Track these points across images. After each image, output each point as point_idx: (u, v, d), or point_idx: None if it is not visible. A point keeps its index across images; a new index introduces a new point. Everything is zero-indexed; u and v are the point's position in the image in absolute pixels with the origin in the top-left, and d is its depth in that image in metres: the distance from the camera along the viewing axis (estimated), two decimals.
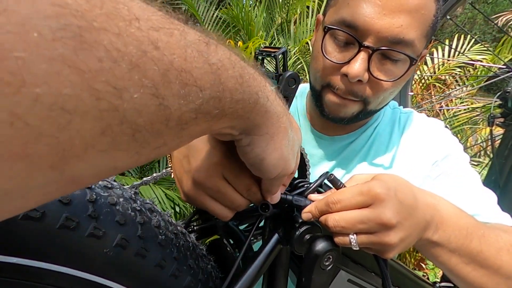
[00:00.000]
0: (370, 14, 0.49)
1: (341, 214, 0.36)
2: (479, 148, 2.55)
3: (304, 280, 0.39)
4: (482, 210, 0.55)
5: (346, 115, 0.59)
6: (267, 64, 0.48)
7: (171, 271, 0.32)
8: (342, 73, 0.53)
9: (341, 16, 0.52)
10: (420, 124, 0.69)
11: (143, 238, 0.30)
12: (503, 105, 1.29)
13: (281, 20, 3.51)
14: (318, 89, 0.59)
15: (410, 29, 0.49)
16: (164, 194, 1.59)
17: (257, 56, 0.59)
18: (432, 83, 3.19)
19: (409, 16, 0.49)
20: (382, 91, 0.55)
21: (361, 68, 0.51)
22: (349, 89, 0.54)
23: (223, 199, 0.35)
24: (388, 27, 0.49)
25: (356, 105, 0.57)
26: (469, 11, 7.71)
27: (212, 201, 0.36)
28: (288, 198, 0.40)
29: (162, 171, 0.42)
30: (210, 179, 0.34)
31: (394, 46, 0.50)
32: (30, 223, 0.24)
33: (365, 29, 0.50)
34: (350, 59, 0.52)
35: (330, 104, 0.58)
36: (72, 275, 0.27)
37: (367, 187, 0.36)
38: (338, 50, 0.54)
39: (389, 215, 0.35)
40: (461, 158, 0.63)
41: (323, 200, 0.38)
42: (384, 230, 0.36)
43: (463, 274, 0.44)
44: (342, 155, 0.67)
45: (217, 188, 0.35)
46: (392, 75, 0.53)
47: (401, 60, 0.53)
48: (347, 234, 0.36)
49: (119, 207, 0.29)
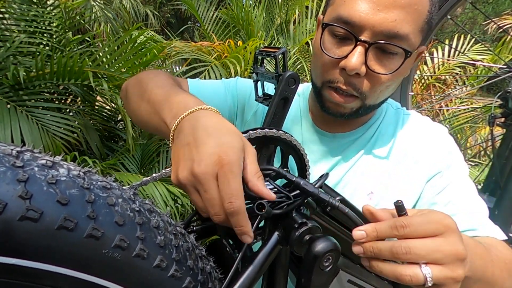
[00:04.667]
0: (365, 10, 0.52)
1: (414, 242, 0.34)
2: (479, 148, 2.55)
3: (304, 280, 0.39)
4: (479, 225, 0.58)
5: (346, 111, 0.61)
6: (267, 64, 0.48)
7: (170, 272, 0.32)
8: (341, 67, 0.56)
9: (338, 13, 0.55)
10: (425, 127, 0.69)
11: (142, 239, 0.30)
12: (503, 105, 1.29)
13: (280, 20, 3.51)
14: (319, 86, 0.62)
15: (404, 23, 0.52)
16: (166, 190, 1.59)
17: (257, 56, 0.59)
18: (432, 83, 3.19)
19: (402, 11, 0.51)
20: (379, 84, 0.57)
21: (358, 62, 0.53)
22: (347, 81, 0.57)
23: (207, 201, 0.36)
24: (383, 22, 0.51)
25: (355, 101, 0.59)
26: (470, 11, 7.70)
27: (198, 196, 0.36)
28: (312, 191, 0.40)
29: (162, 171, 0.42)
30: (205, 175, 0.35)
31: (390, 40, 0.53)
32: (29, 223, 0.24)
33: (361, 25, 0.52)
34: (347, 53, 0.55)
35: (330, 100, 0.60)
36: (71, 276, 0.27)
37: (437, 216, 0.36)
38: (336, 46, 0.56)
39: (462, 246, 0.35)
40: (462, 170, 0.64)
41: (387, 222, 0.36)
42: (456, 261, 0.35)
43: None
44: (344, 152, 0.68)
45: (207, 187, 0.35)
46: (389, 68, 0.56)
47: (398, 54, 0.55)
48: (417, 265, 0.35)
49: (118, 207, 0.29)
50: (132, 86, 0.63)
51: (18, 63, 1.68)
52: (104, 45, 2.09)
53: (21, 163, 0.25)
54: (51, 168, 0.27)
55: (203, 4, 3.14)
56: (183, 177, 0.36)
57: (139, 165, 2.06)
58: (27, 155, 0.27)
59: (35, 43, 1.85)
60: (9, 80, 1.53)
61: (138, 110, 0.57)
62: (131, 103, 0.61)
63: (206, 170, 0.35)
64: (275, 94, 0.51)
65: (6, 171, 0.24)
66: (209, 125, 0.39)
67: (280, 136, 0.46)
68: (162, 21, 7.76)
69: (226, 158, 0.35)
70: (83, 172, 0.29)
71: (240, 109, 0.74)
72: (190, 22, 7.65)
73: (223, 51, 2.55)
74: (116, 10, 4.82)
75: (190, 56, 2.45)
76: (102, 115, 2.19)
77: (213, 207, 0.35)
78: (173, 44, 2.58)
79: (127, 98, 0.63)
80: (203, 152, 0.35)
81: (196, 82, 0.73)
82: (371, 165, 0.66)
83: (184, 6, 3.23)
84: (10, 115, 1.51)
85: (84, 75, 1.62)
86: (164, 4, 8.50)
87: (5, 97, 1.55)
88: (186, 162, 0.36)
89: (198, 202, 0.37)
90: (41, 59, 1.53)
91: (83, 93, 1.95)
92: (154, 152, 2.12)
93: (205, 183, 0.35)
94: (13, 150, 0.26)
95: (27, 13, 1.83)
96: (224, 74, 2.29)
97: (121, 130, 2.25)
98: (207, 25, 3.18)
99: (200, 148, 0.36)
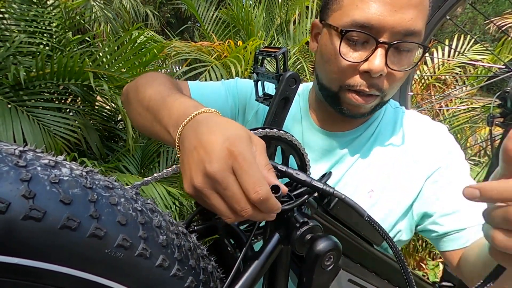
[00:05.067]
0: (383, 12, 0.53)
1: None
2: (479, 148, 2.56)
3: (305, 280, 0.39)
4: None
5: (366, 110, 0.62)
6: (267, 64, 0.48)
7: (172, 271, 0.32)
8: (362, 71, 0.56)
9: (353, 18, 0.54)
10: (424, 126, 0.70)
11: (145, 238, 0.30)
12: (502, 105, 1.28)
13: (280, 20, 3.51)
14: (335, 90, 0.61)
15: (418, 20, 0.54)
16: (166, 191, 1.59)
17: (257, 56, 0.59)
18: (432, 83, 3.19)
19: (416, 9, 0.53)
20: (397, 80, 0.59)
21: (382, 63, 0.54)
22: (370, 84, 0.57)
23: (230, 198, 0.34)
24: (401, 22, 0.53)
25: (376, 99, 0.60)
26: (470, 11, 7.71)
27: (218, 199, 0.34)
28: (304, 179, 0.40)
29: (163, 171, 0.42)
30: (221, 172, 0.33)
31: (407, 38, 0.54)
32: (32, 223, 0.24)
33: (380, 27, 0.53)
34: (367, 57, 0.55)
35: (351, 103, 0.60)
36: (74, 276, 0.27)
37: None
38: (353, 50, 0.57)
39: None
40: (463, 168, 0.65)
41: None
42: None
43: None
44: (344, 151, 0.68)
45: (226, 184, 0.33)
46: (406, 64, 0.58)
47: (411, 50, 0.57)
48: None
49: (121, 207, 0.29)
50: (131, 91, 0.62)
51: (18, 63, 1.68)
52: (104, 45, 2.09)
53: (24, 162, 0.25)
54: (54, 167, 0.27)
55: (203, 4, 3.14)
56: (198, 182, 0.34)
57: (139, 166, 2.06)
58: (29, 154, 0.27)
59: (35, 43, 1.85)
60: (9, 80, 1.53)
61: (139, 117, 0.56)
62: (132, 110, 0.60)
63: (220, 167, 0.33)
64: (275, 94, 0.51)
65: (9, 171, 0.24)
66: (211, 124, 0.38)
67: (281, 136, 0.46)
68: (162, 21, 7.76)
69: (236, 149, 0.33)
70: (85, 171, 0.29)
71: (241, 109, 0.74)
72: (190, 22, 7.65)
73: (223, 51, 2.55)
74: (116, 10, 4.82)
75: (190, 56, 2.45)
76: (102, 115, 2.20)
77: (238, 202, 0.33)
78: (173, 44, 2.58)
79: (128, 104, 0.62)
80: (211, 150, 0.34)
81: (197, 85, 0.73)
82: (371, 163, 0.67)
83: (184, 6, 3.23)
84: (12, 115, 1.51)
85: (84, 75, 1.62)
86: (164, 4, 8.50)
87: (5, 97, 1.55)
88: (197, 166, 0.35)
89: (220, 205, 0.34)
90: (41, 59, 1.53)
91: (83, 93, 1.95)
92: (155, 153, 2.12)
93: (222, 180, 0.33)
94: (15, 150, 0.26)
95: (27, 13, 1.83)
96: (224, 74, 2.29)
97: (121, 130, 2.26)
98: (207, 25, 3.18)
99: (207, 148, 0.34)
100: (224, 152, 0.33)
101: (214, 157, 0.33)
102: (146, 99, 0.54)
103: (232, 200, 0.33)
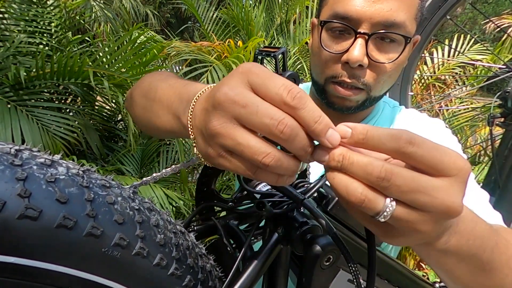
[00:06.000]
0: (362, 4, 0.54)
1: (403, 171, 0.25)
2: (479, 148, 2.55)
3: (304, 280, 0.39)
4: (480, 212, 0.55)
5: (352, 104, 0.62)
6: (267, 64, 0.48)
7: (170, 270, 0.32)
8: (343, 61, 0.57)
9: (334, 10, 0.57)
10: (421, 122, 0.70)
11: (142, 237, 0.30)
12: (503, 105, 1.28)
13: (280, 20, 3.51)
14: (321, 83, 0.63)
15: (399, 12, 0.54)
16: (163, 193, 1.59)
17: (257, 56, 0.58)
18: (432, 83, 3.19)
19: (397, 1, 0.54)
20: (382, 73, 0.59)
21: (360, 53, 0.55)
22: (351, 74, 0.58)
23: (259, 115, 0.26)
24: (379, 12, 0.54)
25: (361, 93, 0.60)
26: (470, 11, 7.71)
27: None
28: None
29: (162, 171, 0.42)
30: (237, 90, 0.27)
31: (388, 29, 0.55)
32: (28, 222, 0.24)
33: (358, 18, 0.55)
34: (348, 47, 0.56)
35: (335, 95, 0.61)
36: (70, 275, 0.27)
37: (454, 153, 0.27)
38: (335, 42, 0.58)
39: (460, 202, 0.25)
40: None
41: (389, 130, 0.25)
42: (442, 216, 0.26)
43: (465, 282, 0.37)
44: None
45: (248, 99, 0.26)
46: (390, 57, 0.58)
47: (396, 42, 0.57)
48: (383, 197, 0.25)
49: (118, 206, 0.29)
50: (136, 89, 0.60)
51: (18, 63, 1.68)
52: (104, 45, 2.09)
53: (20, 161, 0.25)
54: (50, 166, 0.27)
55: (203, 4, 3.15)
56: (215, 124, 0.27)
57: (139, 166, 2.05)
58: (25, 153, 0.27)
59: (35, 43, 1.85)
60: (9, 80, 1.53)
61: (146, 111, 0.53)
62: (138, 107, 0.57)
63: (235, 84, 0.27)
64: None
65: (5, 170, 0.24)
66: None
67: None
68: (162, 21, 7.76)
69: (245, 67, 0.28)
70: (82, 170, 0.29)
71: None
72: (190, 22, 7.65)
73: (223, 51, 2.55)
74: (116, 10, 4.82)
75: (190, 56, 2.44)
76: (102, 115, 2.20)
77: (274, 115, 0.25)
78: (173, 44, 2.58)
79: (133, 102, 0.60)
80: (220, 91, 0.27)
81: None
82: None
83: (184, 6, 3.23)
84: (11, 115, 1.51)
85: (84, 74, 1.62)
86: (164, 4, 8.50)
87: (5, 97, 1.55)
88: (207, 114, 0.29)
89: (250, 140, 0.27)
90: (41, 59, 1.53)
91: (83, 93, 1.95)
92: (154, 152, 2.12)
93: (240, 98, 0.26)
94: (11, 149, 0.26)
95: (27, 13, 1.84)
96: (226, 74, 2.28)
97: (121, 130, 2.26)
98: (207, 25, 3.18)
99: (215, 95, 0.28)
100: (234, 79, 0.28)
101: (222, 88, 0.27)
102: (152, 90, 0.52)
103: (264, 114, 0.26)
